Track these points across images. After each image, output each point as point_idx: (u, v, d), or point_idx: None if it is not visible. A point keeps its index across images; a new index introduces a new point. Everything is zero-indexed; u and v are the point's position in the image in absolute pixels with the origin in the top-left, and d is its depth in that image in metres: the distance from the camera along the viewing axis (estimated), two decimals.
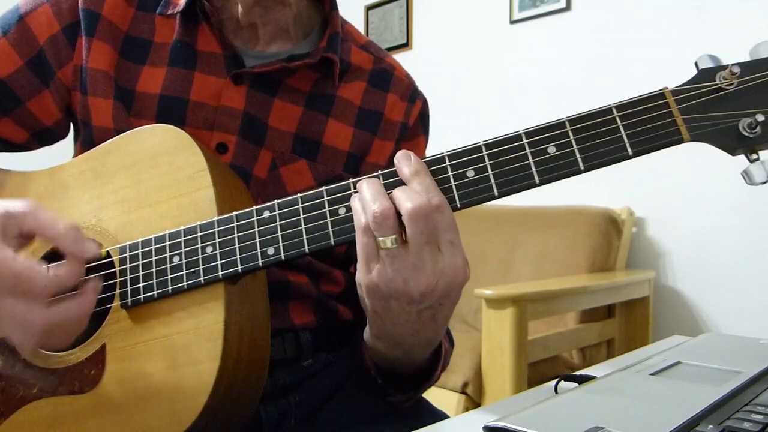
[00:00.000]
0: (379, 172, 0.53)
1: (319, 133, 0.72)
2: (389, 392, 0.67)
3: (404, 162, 0.52)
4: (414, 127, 0.79)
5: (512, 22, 2.63)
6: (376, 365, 0.65)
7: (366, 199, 0.50)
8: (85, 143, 0.68)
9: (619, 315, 2.12)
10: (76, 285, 0.52)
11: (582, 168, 0.48)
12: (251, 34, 0.72)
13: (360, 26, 3.23)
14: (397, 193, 0.50)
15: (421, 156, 0.80)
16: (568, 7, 2.46)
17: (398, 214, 0.49)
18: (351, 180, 0.53)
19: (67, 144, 0.77)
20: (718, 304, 2.10)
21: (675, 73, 0.50)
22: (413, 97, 0.79)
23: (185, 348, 0.53)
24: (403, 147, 0.77)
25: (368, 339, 0.62)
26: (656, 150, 0.48)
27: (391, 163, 0.77)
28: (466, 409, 1.63)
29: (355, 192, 0.52)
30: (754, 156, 0.48)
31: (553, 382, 0.59)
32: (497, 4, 2.67)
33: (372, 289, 0.51)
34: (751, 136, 0.46)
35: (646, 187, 2.20)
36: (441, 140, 0.83)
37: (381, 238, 0.49)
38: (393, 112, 0.77)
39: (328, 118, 0.73)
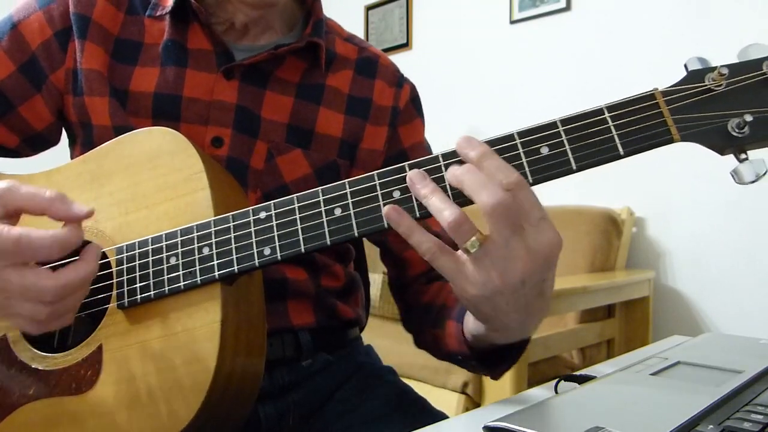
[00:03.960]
0: (439, 153, 0.50)
1: (311, 122, 0.73)
2: (486, 372, 0.65)
3: (469, 145, 0.48)
4: (407, 111, 0.80)
5: (512, 22, 2.63)
6: (472, 349, 0.62)
7: (435, 209, 0.48)
8: (85, 144, 0.69)
9: (619, 315, 2.12)
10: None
11: (574, 168, 0.49)
12: (241, 31, 0.73)
13: (360, 26, 3.23)
14: (470, 183, 0.47)
15: (419, 139, 0.80)
16: (568, 7, 2.46)
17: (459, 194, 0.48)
18: (346, 180, 0.52)
19: (61, 152, 0.77)
20: (718, 304, 2.10)
21: (674, 73, 0.50)
22: (400, 82, 0.81)
23: (182, 348, 0.53)
24: (400, 131, 0.79)
25: (480, 332, 0.58)
26: (647, 150, 0.49)
27: (387, 148, 0.77)
28: (466, 409, 1.63)
29: (391, 206, 0.50)
30: (743, 155, 0.48)
31: (553, 382, 0.59)
32: (497, 4, 2.67)
33: (474, 299, 0.49)
34: (739, 135, 0.47)
35: (646, 187, 2.21)
36: (441, 140, 0.83)
37: (464, 246, 0.47)
38: (382, 98, 0.78)
39: (319, 107, 0.74)
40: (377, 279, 2.13)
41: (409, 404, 0.73)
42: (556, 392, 0.57)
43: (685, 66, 0.50)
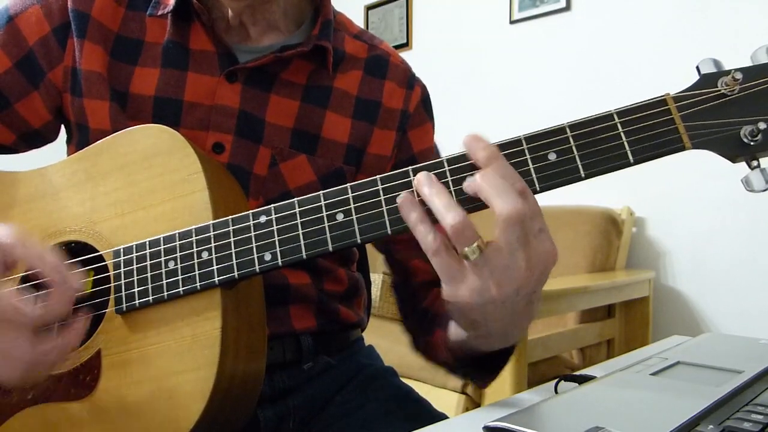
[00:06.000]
0: (443, 158, 0.49)
1: (317, 127, 0.71)
2: (474, 380, 0.65)
3: (477, 144, 0.47)
4: (417, 114, 0.78)
5: (512, 22, 2.63)
6: (456, 357, 0.62)
7: (439, 210, 0.46)
8: (80, 146, 0.67)
9: (619, 315, 2.12)
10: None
11: (582, 175, 0.48)
12: (242, 32, 0.71)
13: (360, 26, 3.22)
14: (486, 188, 0.45)
15: (430, 144, 0.79)
16: (568, 7, 2.46)
17: (468, 198, 0.47)
18: (348, 185, 0.51)
19: (61, 145, 0.76)
20: (718, 305, 2.10)
21: (675, 73, 0.50)
22: (411, 83, 0.78)
23: (182, 354, 0.52)
24: (410, 135, 0.77)
25: (462, 340, 0.57)
26: (657, 158, 0.47)
27: (397, 153, 0.75)
28: (466, 409, 1.62)
29: (409, 191, 0.49)
30: (755, 163, 0.47)
31: (553, 382, 0.59)
32: (497, 4, 2.67)
33: (467, 305, 0.48)
34: (752, 143, 0.46)
35: (646, 187, 2.20)
36: (441, 140, 0.83)
37: (464, 251, 0.46)
38: (391, 100, 0.75)
39: (326, 111, 0.72)
40: (377, 279, 2.13)
41: (409, 405, 0.73)
42: (556, 392, 0.57)
43: (698, 68, 0.48)
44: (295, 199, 0.52)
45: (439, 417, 0.71)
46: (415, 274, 0.76)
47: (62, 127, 0.74)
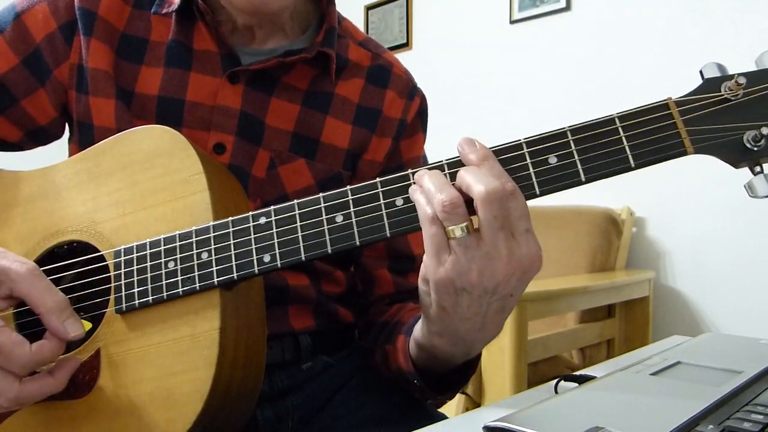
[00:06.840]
0: (443, 161, 0.50)
1: (317, 132, 0.72)
2: (428, 394, 0.65)
3: (470, 148, 0.48)
4: (412, 124, 0.78)
5: (512, 22, 2.63)
6: (416, 367, 0.62)
7: (430, 190, 0.47)
8: (83, 143, 0.67)
9: (619, 315, 2.12)
10: None
11: (583, 179, 0.48)
12: (247, 34, 0.71)
13: (360, 26, 3.21)
14: (467, 175, 0.46)
15: (418, 154, 0.79)
16: (568, 7, 2.46)
17: (467, 202, 0.46)
18: (348, 187, 0.51)
19: (63, 144, 0.77)
20: (718, 305, 2.10)
21: (675, 73, 0.50)
22: (412, 93, 0.78)
23: (181, 355, 0.52)
24: (401, 144, 0.77)
25: (424, 338, 0.57)
26: (659, 162, 0.47)
27: (388, 160, 0.76)
28: (466, 409, 1.62)
29: (413, 183, 0.50)
30: (758, 169, 0.47)
31: (553, 382, 0.59)
32: (497, 4, 2.67)
33: (444, 284, 0.48)
34: (755, 149, 0.45)
35: (646, 187, 2.20)
36: (441, 140, 0.83)
37: (450, 228, 0.46)
38: (391, 109, 0.76)
39: (326, 116, 0.72)
40: None
41: (408, 405, 0.73)
42: (556, 392, 0.57)
43: (701, 72, 0.48)
44: (295, 201, 0.52)
45: (439, 417, 0.71)
46: (378, 285, 0.76)
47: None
